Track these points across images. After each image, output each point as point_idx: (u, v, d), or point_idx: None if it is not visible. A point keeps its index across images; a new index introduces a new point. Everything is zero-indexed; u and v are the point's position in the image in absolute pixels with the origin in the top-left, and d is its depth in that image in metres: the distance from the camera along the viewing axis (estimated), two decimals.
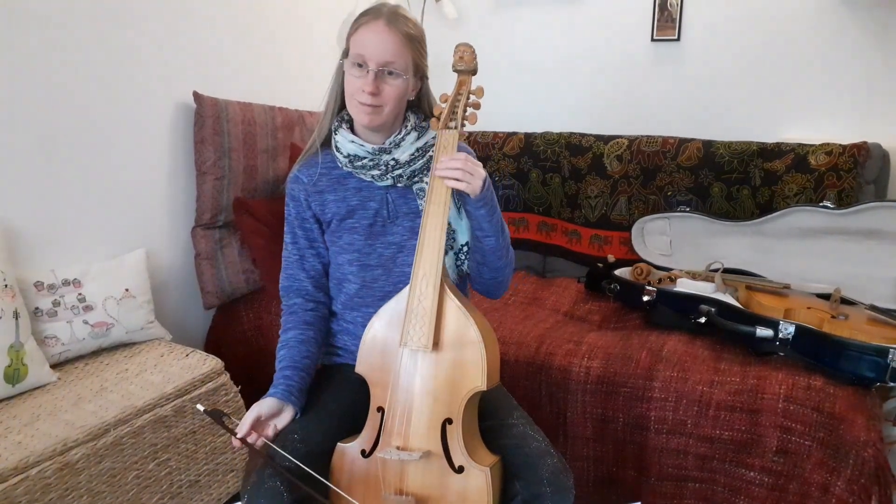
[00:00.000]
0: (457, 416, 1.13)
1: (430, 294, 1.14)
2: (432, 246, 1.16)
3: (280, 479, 1.09)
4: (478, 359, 1.12)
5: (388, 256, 1.33)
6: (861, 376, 1.51)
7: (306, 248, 1.36)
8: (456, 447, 1.12)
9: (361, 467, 1.17)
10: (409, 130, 1.29)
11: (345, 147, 1.29)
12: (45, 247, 1.81)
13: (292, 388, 1.23)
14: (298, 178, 1.34)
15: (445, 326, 1.14)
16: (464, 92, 1.22)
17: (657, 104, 2.64)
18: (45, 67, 1.76)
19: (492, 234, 1.25)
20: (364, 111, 1.23)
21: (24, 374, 1.58)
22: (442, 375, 1.14)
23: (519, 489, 1.16)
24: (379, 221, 1.33)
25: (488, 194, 1.20)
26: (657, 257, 2.25)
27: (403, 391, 1.15)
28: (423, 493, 1.13)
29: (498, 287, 1.37)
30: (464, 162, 1.15)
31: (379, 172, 1.29)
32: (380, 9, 1.25)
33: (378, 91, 1.22)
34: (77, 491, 1.42)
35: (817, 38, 2.33)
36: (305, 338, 1.31)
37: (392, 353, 1.17)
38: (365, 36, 1.23)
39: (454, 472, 1.12)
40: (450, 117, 1.21)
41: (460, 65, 1.22)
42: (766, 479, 1.52)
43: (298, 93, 2.53)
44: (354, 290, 1.34)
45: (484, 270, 1.32)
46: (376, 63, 1.21)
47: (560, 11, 2.77)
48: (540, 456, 1.17)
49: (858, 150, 2.04)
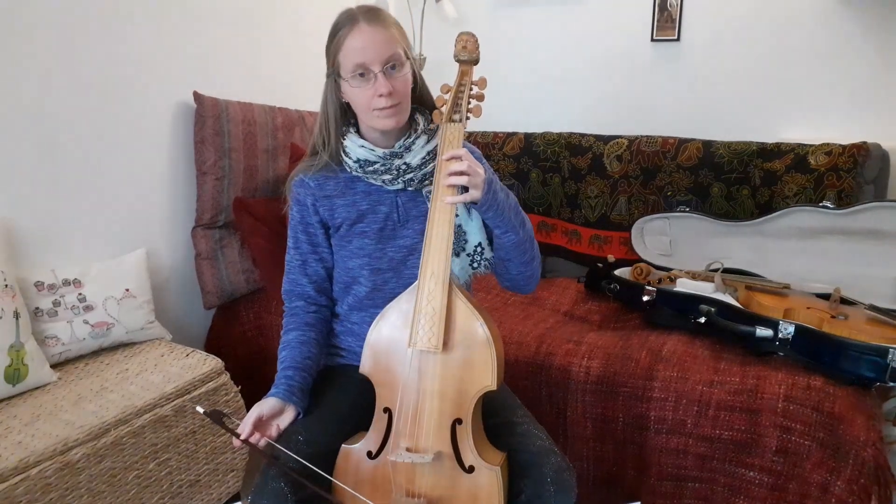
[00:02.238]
0: (466, 416, 1.12)
1: (440, 294, 1.12)
2: (440, 244, 1.13)
3: (284, 480, 1.09)
4: (487, 358, 1.11)
5: (399, 260, 1.32)
6: (861, 376, 1.51)
7: (309, 252, 1.35)
8: (466, 447, 1.12)
9: (368, 469, 1.16)
10: (419, 134, 1.28)
11: (354, 152, 1.28)
12: (45, 247, 1.81)
13: (293, 387, 1.22)
14: (305, 183, 1.32)
15: (454, 326, 1.12)
16: (466, 82, 1.19)
17: (657, 104, 2.64)
18: (46, 67, 1.76)
19: (509, 230, 1.23)
20: (386, 115, 1.21)
21: (25, 374, 1.58)
22: (451, 376, 1.12)
23: (523, 487, 1.15)
24: (389, 225, 1.31)
25: (489, 198, 1.17)
26: (657, 257, 2.25)
27: (412, 392, 1.13)
28: (434, 493, 1.13)
29: (528, 281, 1.34)
30: (468, 163, 1.14)
31: (390, 177, 1.27)
32: (352, 14, 1.22)
33: (394, 90, 1.20)
34: (77, 491, 1.42)
35: (817, 38, 2.33)
36: (307, 339, 1.30)
37: (399, 353, 1.15)
38: (354, 44, 1.20)
39: (465, 472, 1.11)
40: (454, 109, 1.18)
41: (463, 54, 1.19)
42: (766, 478, 1.52)
43: (298, 93, 2.53)
44: (365, 293, 1.33)
45: (511, 266, 1.31)
46: (379, 64, 1.19)
47: (560, 11, 2.77)
48: (544, 454, 1.16)
49: (858, 150, 2.04)
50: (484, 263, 1.34)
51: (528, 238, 1.29)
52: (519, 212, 1.27)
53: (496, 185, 1.20)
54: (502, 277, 1.36)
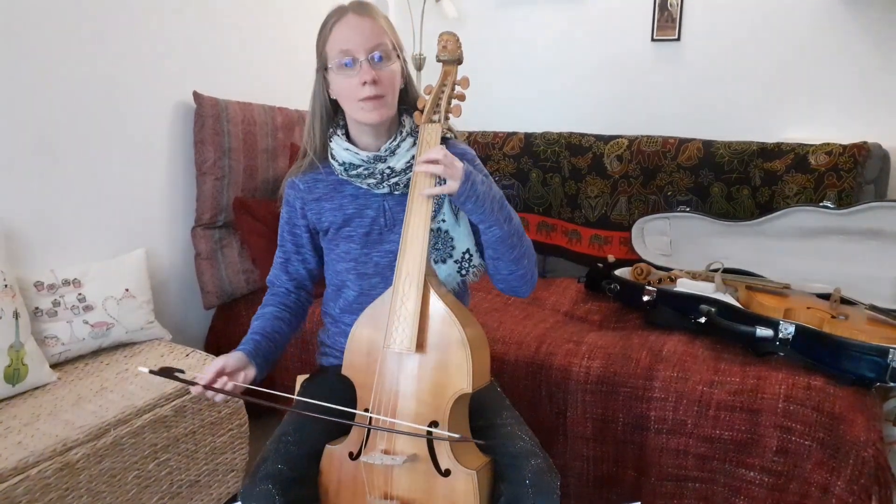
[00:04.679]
0: (443, 419, 1.10)
1: (413, 295, 1.11)
2: (415, 245, 1.12)
3: (272, 482, 1.08)
4: (462, 361, 1.09)
5: (385, 265, 1.31)
6: (861, 376, 1.51)
7: (292, 252, 1.38)
8: (442, 450, 1.10)
9: (349, 470, 1.15)
10: (404, 136, 1.26)
11: (340, 155, 1.27)
12: (45, 247, 1.81)
13: (260, 350, 1.23)
14: (295, 185, 1.33)
15: (430, 328, 1.11)
16: (448, 83, 1.17)
17: (657, 104, 2.64)
18: (45, 67, 1.76)
19: (493, 224, 1.19)
20: (370, 107, 1.19)
21: (25, 374, 1.58)
22: (426, 377, 1.11)
23: (502, 490, 1.13)
24: (376, 230, 1.30)
25: (466, 187, 1.13)
26: (657, 257, 2.25)
27: (388, 393, 1.13)
28: (409, 496, 1.11)
29: (522, 282, 1.29)
30: (443, 155, 1.11)
31: (375, 181, 1.26)
32: (342, 7, 1.22)
33: (378, 79, 1.18)
34: (77, 491, 1.42)
35: (817, 38, 2.33)
36: (281, 316, 1.33)
37: (376, 354, 1.14)
38: (341, 34, 1.20)
39: (440, 476, 1.10)
40: (433, 110, 1.16)
41: (444, 54, 1.18)
42: (766, 479, 1.51)
43: (298, 93, 2.51)
44: (353, 297, 1.33)
45: (500, 266, 1.26)
46: (365, 51, 1.18)
47: (560, 11, 2.77)
48: (524, 456, 1.14)
49: (858, 150, 2.04)
50: (472, 270, 1.33)
51: (515, 233, 1.24)
52: (504, 206, 1.23)
53: (475, 177, 1.16)
54: (495, 278, 1.32)
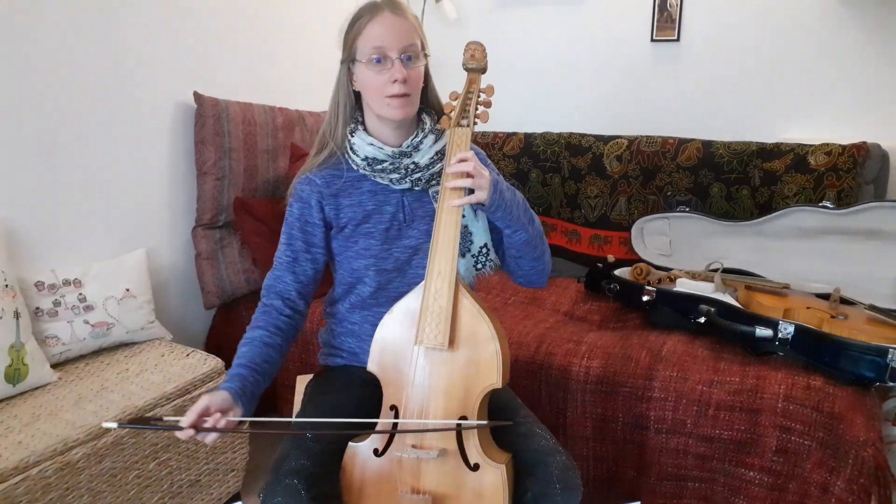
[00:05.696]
0: (472, 414, 1.13)
1: (446, 292, 1.14)
2: (447, 245, 1.16)
3: (298, 477, 1.08)
4: (493, 356, 1.13)
5: (405, 260, 1.32)
6: (861, 376, 1.51)
7: (302, 251, 1.32)
8: (471, 445, 1.13)
9: (374, 466, 1.17)
10: (426, 133, 1.29)
11: (362, 150, 1.28)
12: (45, 247, 1.81)
13: (246, 388, 1.15)
14: (312, 181, 1.30)
15: (460, 324, 1.14)
16: (474, 90, 1.22)
17: (657, 104, 2.64)
18: (46, 67, 1.76)
19: (519, 228, 1.25)
20: (397, 104, 1.21)
21: (25, 374, 1.58)
22: (457, 373, 1.14)
23: (529, 486, 1.15)
24: (395, 225, 1.31)
25: (496, 198, 1.18)
26: (657, 257, 2.25)
27: (419, 389, 1.15)
28: (439, 491, 1.14)
29: (541, 275, 1.36)
30: (473, 165, 1.15)
31: (398, 176, 1.28)
32: (376, 4, 1.24)
33: (407, 78, 1.21)
34: (77, 491, 1.42)
35: (817, 38, 2.33)
36: (272, 342, 1.25)
37: (406, 351, 1.17)
38: (375, 30, 1.21)
39: (470, 470, 1.12)
40: (461, 115, 1.21)
41: (472, 63, 1.22)
42: (766, 478, 1.52)
43: (298, 93, 2.53)
44: (369, 293, 1.32)
45: (523, 263, 1.32)
46: (398, 51, 1.20)
47: (560, 12, 2.77)
48: (549, 454, 1.17)
49: (858, 150, 2.04)
50: (489, 264, 1.35)
51: (537, 234, 1.30)
52: (527, 209, 1.29)
53: (502, 185, 1.21)
54: (515, 274, 1.37)
